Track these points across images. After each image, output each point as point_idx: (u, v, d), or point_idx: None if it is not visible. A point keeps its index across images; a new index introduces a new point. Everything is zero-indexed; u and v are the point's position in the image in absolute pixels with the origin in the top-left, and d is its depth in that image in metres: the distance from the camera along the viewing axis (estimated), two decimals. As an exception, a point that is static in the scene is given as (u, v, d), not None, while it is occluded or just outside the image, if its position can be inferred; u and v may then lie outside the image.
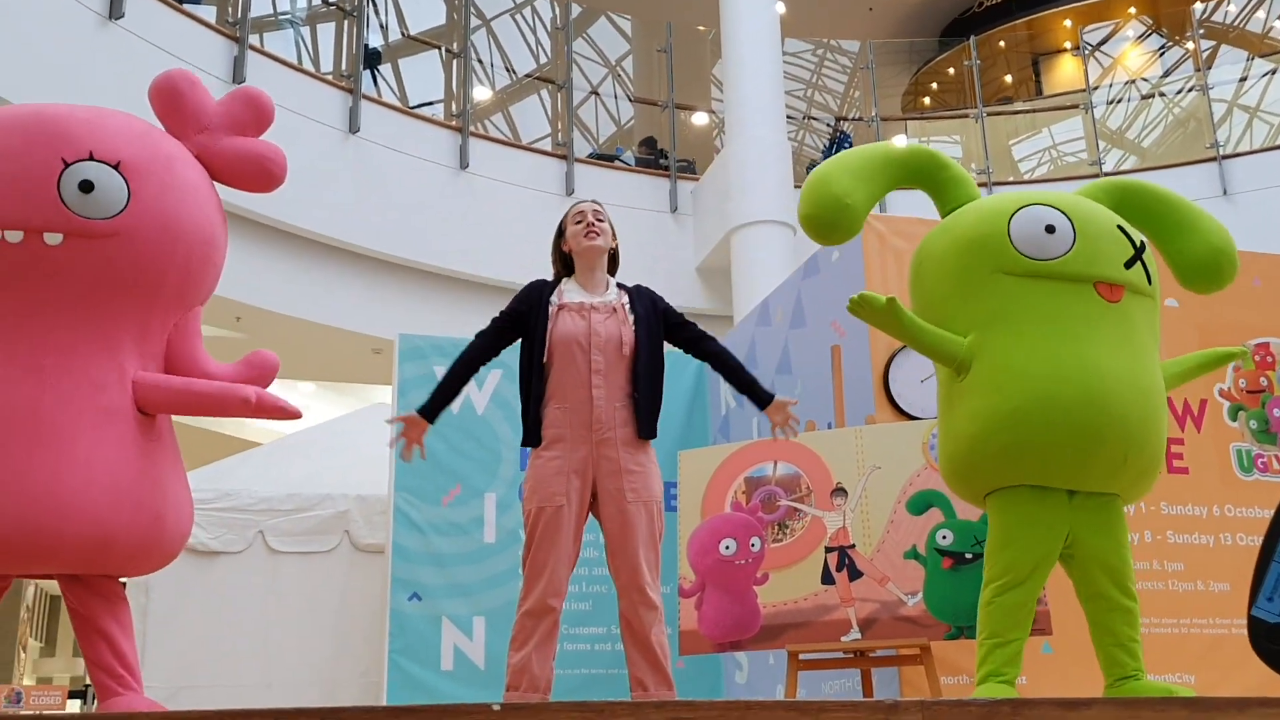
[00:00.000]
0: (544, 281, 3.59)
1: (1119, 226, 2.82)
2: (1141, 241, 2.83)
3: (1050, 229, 2.74)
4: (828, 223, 2.81)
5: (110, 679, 2.46)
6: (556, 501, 3.28)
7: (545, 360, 3.41)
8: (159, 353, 2.51)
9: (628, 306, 3.49)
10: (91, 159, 2.33)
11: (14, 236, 2.24)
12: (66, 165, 2.30)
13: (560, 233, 3.63)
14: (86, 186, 2.29)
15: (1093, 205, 2.86)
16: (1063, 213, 2.78)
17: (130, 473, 2.35)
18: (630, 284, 3.61)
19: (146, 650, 6.07)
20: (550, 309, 3.44)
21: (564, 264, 3.61)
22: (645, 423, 3.38)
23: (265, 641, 6.33)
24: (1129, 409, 2.65)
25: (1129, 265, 2.76)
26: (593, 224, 3.54)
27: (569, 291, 3.50)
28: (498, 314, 3.54)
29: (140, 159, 2.41)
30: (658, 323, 3.51)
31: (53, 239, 2.26)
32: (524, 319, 3.48)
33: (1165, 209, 2.94)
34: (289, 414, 2.54)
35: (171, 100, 2.63)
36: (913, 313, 2.94)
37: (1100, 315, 2.71)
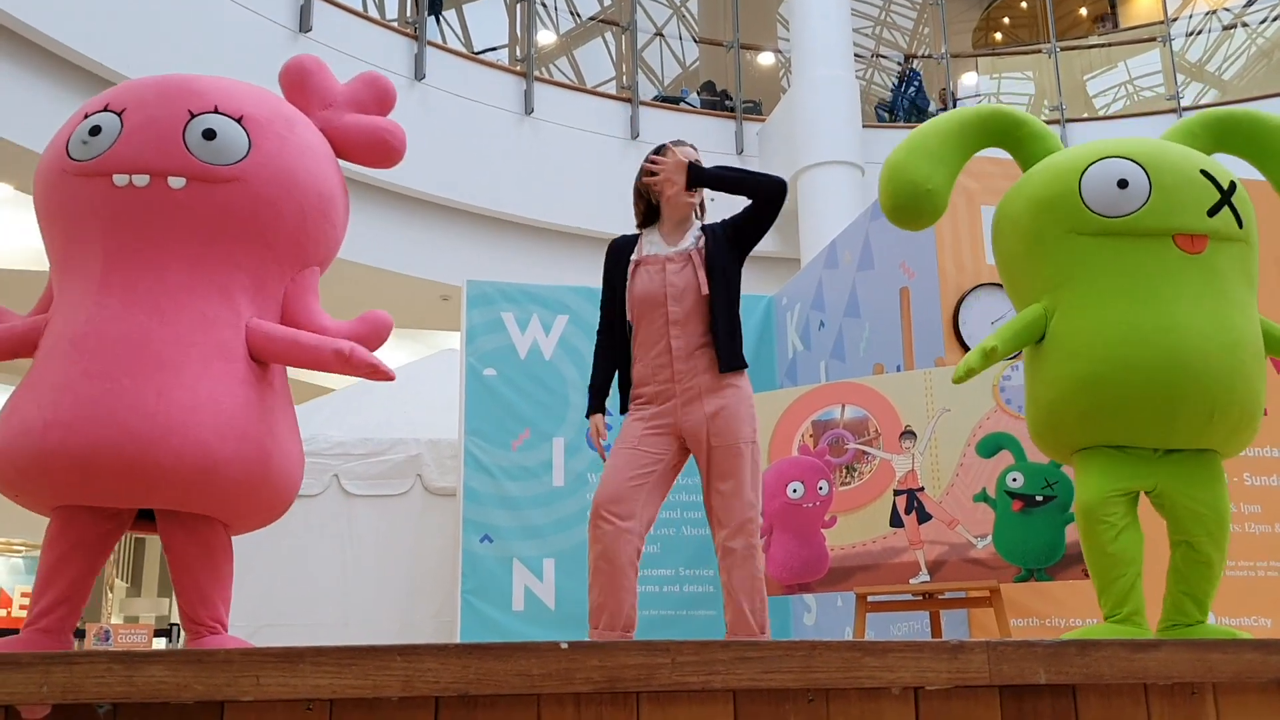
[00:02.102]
0: (623, 239, 3.50)
1: (1203, 171, 2.70)
2: (1231, 183, 2.71)
3: (1123, 184, 2.66)
4: (913, 211, 2.78)
5: (195, 624, 2.54)
6: (634, 445, 3.26)
7: (629, 319, 3.37)
8: (276, 308, 2.59)
9: (703, 252, 3.38)
10: (216, 112, 2.49)
11: (141, 180, 2.38)
12: (193, 116, 2.46)
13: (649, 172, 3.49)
14: (209, 134, 2.44)
15: (1174, 150, 2.75)
16: (1137, 164, 2.68)
17: (237, 405, 2.41)
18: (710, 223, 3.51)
19: (228, 590, 6.26)
20: (629, 267, 3.39)
21: (647, 207, 3.50)
22: (725, 357, 3.27)
23: (342, 582, 6.49)
24: (1212, 364, 2.57)
25: (1213, 212, 2.65)
26: None
27: (649, 245, 3.43)
28: (601, 302, 3.49)
29: (261, 115, 2.55)
30: (731, 251, 3.39)
31: (176, 182, 2.39)
32: (614, 287, 3.44)
33: (1269, 135, 2.83)
34: (381, 374, 2.57)
35: (297, 78, 2.78)
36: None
37: (1181, 268, 2.63)
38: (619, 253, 3.47)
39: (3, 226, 9.58)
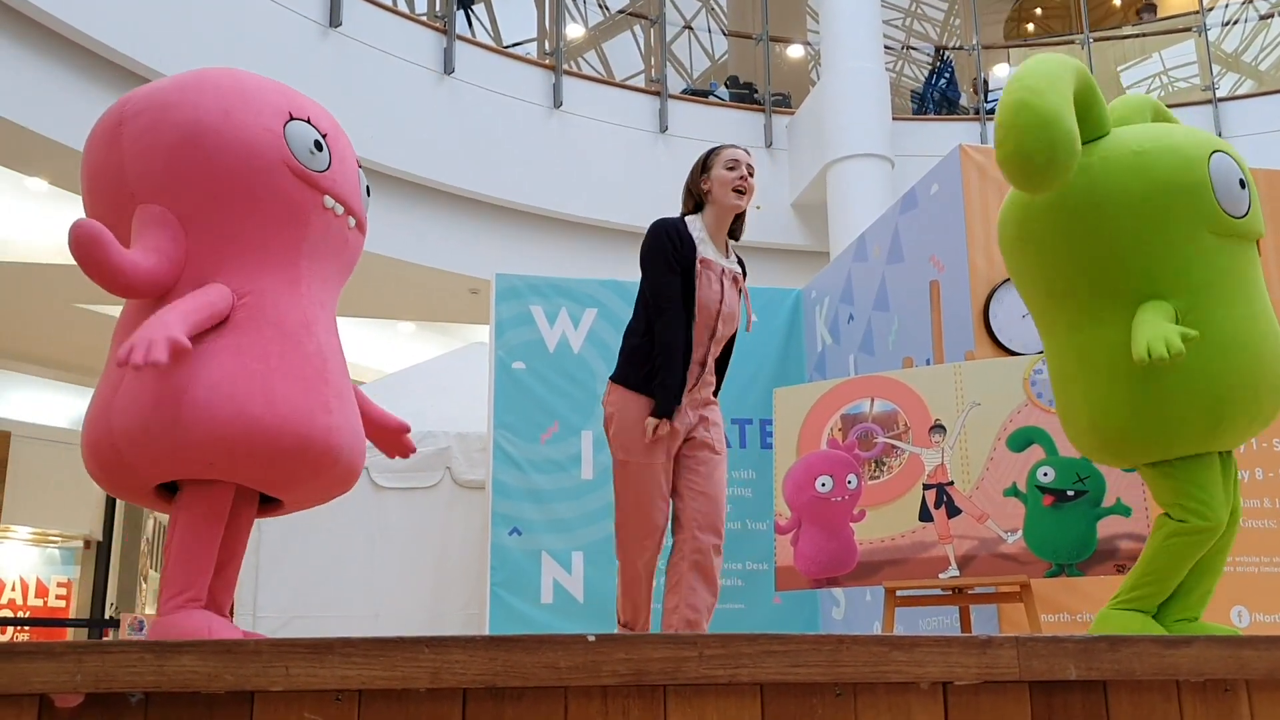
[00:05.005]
0: (673, 224, 3.41)
1: None
2: None
3: (1242, 183, 2.49)
4: (1063, 167, 2.28)
5: (220, 610, 2.56)
6: (655, 459, 3.43)
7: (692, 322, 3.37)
8: None
9: (744, 279, 3.52)
10: (360, 165, 2.78)
11: (339, 210, 2.60)
12: (359, 166, 2.75)
13: (704, 169, 3.47)
14: (368, 190, 2.75)
15: None
16: (1234, 159, 2.53)
17: None
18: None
19: (260, 581, 6.31)
20: (696, 265, 3.34)
21: (695, 204, 3.48)
22: (719, 384, 3.55)
23: (372, 574, 6.53)
24: None
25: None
26: (746, 178, 3.42)
27: (702, 244, 3.38)
28: (668, 274, 3.33)
29: None
30: None
31: (351, 222, 2.65)
32: (683, 272, 3.36)
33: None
34: None
35: None
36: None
37: (1258, 270, 2.56)
38: (682, 238, 3.36)
39: (38, 221, 9.66)
